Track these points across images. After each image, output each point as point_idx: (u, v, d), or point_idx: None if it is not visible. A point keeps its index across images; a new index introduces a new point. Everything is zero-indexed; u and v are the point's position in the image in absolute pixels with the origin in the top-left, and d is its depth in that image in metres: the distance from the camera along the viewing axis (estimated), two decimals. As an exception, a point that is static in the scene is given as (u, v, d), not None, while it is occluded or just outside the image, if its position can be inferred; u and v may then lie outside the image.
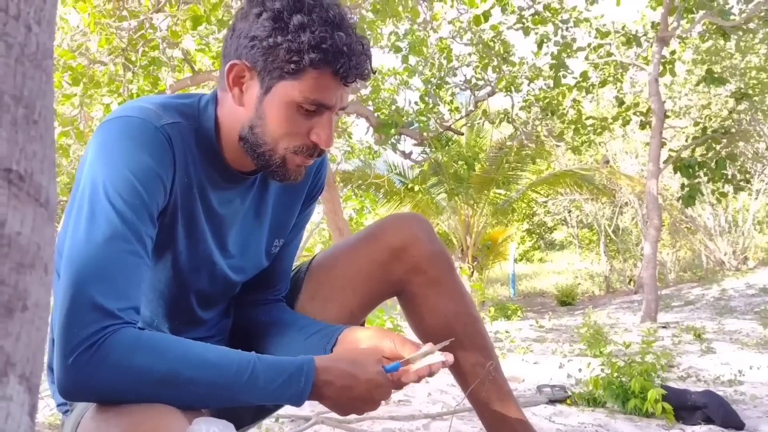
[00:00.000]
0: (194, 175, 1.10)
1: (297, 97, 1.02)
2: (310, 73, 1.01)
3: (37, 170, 0.45)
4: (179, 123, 1.07)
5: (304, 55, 0.99)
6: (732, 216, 13.36)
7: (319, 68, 1.00)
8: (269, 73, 1.03)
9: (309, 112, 1.04)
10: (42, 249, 0.44)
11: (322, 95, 1.02)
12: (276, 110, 1.04)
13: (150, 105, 1.06)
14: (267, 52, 1.02)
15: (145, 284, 1.00)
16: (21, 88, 0.44)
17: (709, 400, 2.59)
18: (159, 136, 1.02)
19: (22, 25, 0.45)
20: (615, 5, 7.30)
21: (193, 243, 1.13)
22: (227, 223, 1.18)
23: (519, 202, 11.98)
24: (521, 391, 3.38)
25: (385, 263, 1.31)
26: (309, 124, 1.05)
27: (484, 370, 1.34)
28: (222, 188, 1.15)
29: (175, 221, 1.09)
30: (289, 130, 1.05)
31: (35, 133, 0.45)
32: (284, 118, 1.04)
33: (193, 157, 1.09)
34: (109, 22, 5.09)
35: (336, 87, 1.03)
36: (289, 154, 1.07)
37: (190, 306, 1.21)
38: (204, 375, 0.92)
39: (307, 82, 1.01)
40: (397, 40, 8.29)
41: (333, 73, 1.01)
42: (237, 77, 1.06)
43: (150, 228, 1.00)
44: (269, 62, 1.02)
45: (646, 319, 7.48)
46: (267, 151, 1.07)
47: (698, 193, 8.08)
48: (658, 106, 8.05)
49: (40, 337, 0.44)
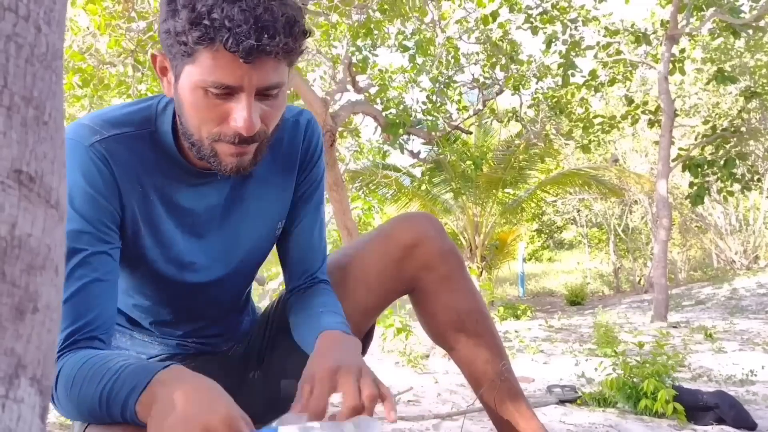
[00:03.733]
0: (150, 180, 1.08)
1: (198, 81, 0.94)
2: (201, 53, 0.92)
3: (47, 171, 0.45)
4: (123, 133, 1.05)
5: (188, 34, 0.91)
6: (743, 215, 13.28)
7: (207, 46, 0.91)
8: (174, 58, 0.97)
9: (221, 96, 0.95)
10: (52, 250, 0.44)
11: (221, 76, 0.92)
12: (186, 96, 0.97)
13: (87, 122, 1.05)
14: (166, 38, 0.96)
15: (104, 293, 1.01)
16: (31, 88, 0.44)
17: (721, 400, 2.58)
18: (89, 155, 1.01)
19: (32, 26, 0.45)
20: (624, 3, 7.26)
21: (165, 250, 1.13)
22: (205, 219, 1.16)
23: (528, 202, 11.94)
24: (531, 392, 3.37)
25: (397, 261, 1.31)
26: (225, 109, 0.96)
27: (493, 368, 1.33)
28: (193, 185, 1.12)
29: (138, 231, 1.09)
30: (203, 117, 0.97)
31: (45, 134, 0.45)
32: (195, 104, 0.96)
33: (147, 163, 1.07)
34: (118, 23, 5.11)
35: (236, 65, 0.91)
36: (214, 143, 0.99)
37: (188, 305, 1.23)
38: (92, 392, 0.90)
39: (202, 63, 0.93)
40: (404, 40, 8.29)
41: (227, 50, 0.90)
42: (161, 68, 1.03)
43: (99, 243, 1.02)
44: (170, 48, 0.96)
45: (657, 319, 7.44)
46: (196, 141, 1.00)
47: (707, 192, 8.03)
48: (668, 104, 8.01)
49: (51, 339, 0.44)
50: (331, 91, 7.88)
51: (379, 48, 8.54)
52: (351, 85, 7.87)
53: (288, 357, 1.28)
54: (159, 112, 1.09)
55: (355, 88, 8.01)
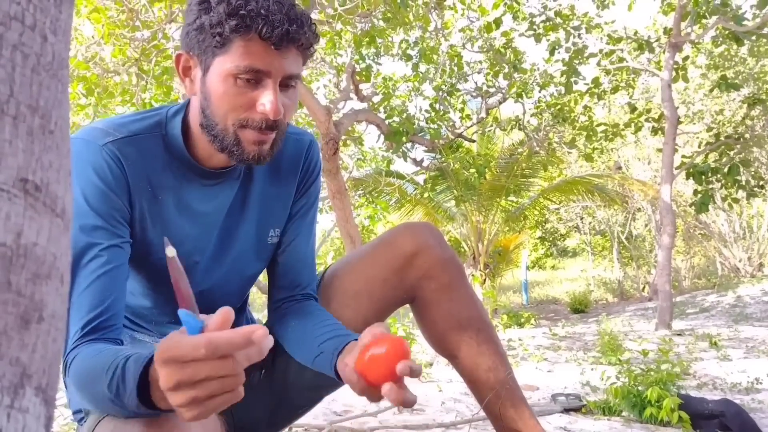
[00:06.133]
0: (161, 181, 1.14)
1: (231, 69, 1.03)
2: (235, 42, 1.02)
3: (53, 180, 0.45)
4: (136, 136, 1.11)
5: (225, 25, 1.01)
6: (747, 222, 13.24)
7: (242, 35, 1.01)
8: (204, 53, 1.05)
9: (249, 83, 1.04)
10: (58, 259, 0.44)
11: (253, 60, 1.02)
12: (216, 86, 1.05)
13: (100, 125, 1.12)
14: (198, 34, 1.05)
15: (118, 284, 1.05)
16: (37, 97, 0.44)
17: (727, 408, 2.56)
18: (102, 154, 1.07)
19: (38, 35, 0.45)
20: (627, 10, 7.28)
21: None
22: (213, 219, 1.21)
23: (531, 209, 11.92)
24: (535, 400, 3.35)
25: (398, 270, 1.33)
26: (252, 96, 1.05)
27: (496, 377, 1.33)
28: (204, 185, 1.18)
29: (145, 229, 1.14)
30: (232, 104, 1.05)
31: (51, 143, 0.45)
32: (224, 92, 1.04)
33: (158, 164, 1.13)
34: (122, 32, 5.13)
35: (267, 52, 1.03)
36: (239, 130, 1.07)
37: None
38: (94, 386, 0.92)
39: (235, 51, 1.02)
40: (408, 48, 8.31)
41: (260, 37, 1.01)
42: (184, 68, 1.11)
43: (112, 237, 1.06)
44: (201, 43, 1.05)
45: (661, 327, 7.41)
46: (220, 131, 1.07)
47: (711, 199, 8.01)
48: (671, 111, 8.01)
49: (56, 348, 0.44)
50: (335, 99, 7.89)
51: (383, 57, 8.57)
52: (354, 93, 7.88)
53: (291, 359, 1.29)
54: (169, 118, 1.16)
55: (359, 97, 8.02)
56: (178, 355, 0.72)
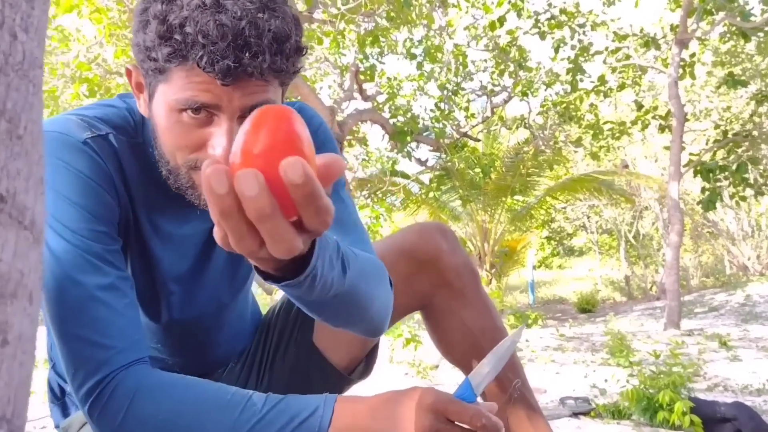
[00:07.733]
0: (134, 193, 0.97)
1: (172, 103, 0.83)
2: (175, 71, 0.81)
3: (21, 190, 0.41)
4: (110, 134, 0.94)
5: (157, 50, 0.80)
6: (755, 220, 13.15)
7: (180, 65, 0.80)
8: (147, 76, 0.86)
9: (198, 119, 0.83)
10: (26, 276, 0.40)
11: (196, 94, 0.81)
12: (160, 120, 0.86)
13: (72, 117, 0.94)
14: (138, 53, 0.85)
15: (130, 304, 0.91)
16: (4, 100, 0.41)
17: (739, 412, 2.51)
18: (86, 150, 0.90)
19: (6, 33, 0.41)
20: (633, 6, 7.22)
21: (148, 276, 1.04)
22: (187, 245, 1.05)
23: (537, 209, 11.86)
24: (544, 403, 3.31)
25: (409, 276, 1.25)
26: (202, 135, 0.84)
27: (511, 386, 1.29)
28: (179, 206, 0.98)
29: (128, 243, 0.99)
30: (178, 143, 0.86)
31: (19, 149, 0.41)
32: (169, 129, 0.85)
33: (130, 174, 0.96)
34: (124, 33, 5.11)
35: (213, 85, 0.80)
36: (192, 171, 0.87)
37: (169, 340, 1.15)
38: (209, 420, 0.85)
39: (175, 82, 0.82)
40: (412, 47, 8.27)
41: (201, 69, 0.79)
42: (136, 83, 0.92)
43: (112, 242, 0.92)
44: (142, 64, 0.85)
45: (670, 326, 7.35)
46: (172, 168, 0.89)
47: (719, 197, 7.95)
48: (678, 109, 7.95)
49: (24, 373, 0.40)
50: (339, 99, 7.86)
51: (387, 56, 8.54)
52: (358, 93, 7.85)
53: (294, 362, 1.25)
54: (138, 122, 0.99)
55: (363, 96, 7.99)
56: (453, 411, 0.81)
